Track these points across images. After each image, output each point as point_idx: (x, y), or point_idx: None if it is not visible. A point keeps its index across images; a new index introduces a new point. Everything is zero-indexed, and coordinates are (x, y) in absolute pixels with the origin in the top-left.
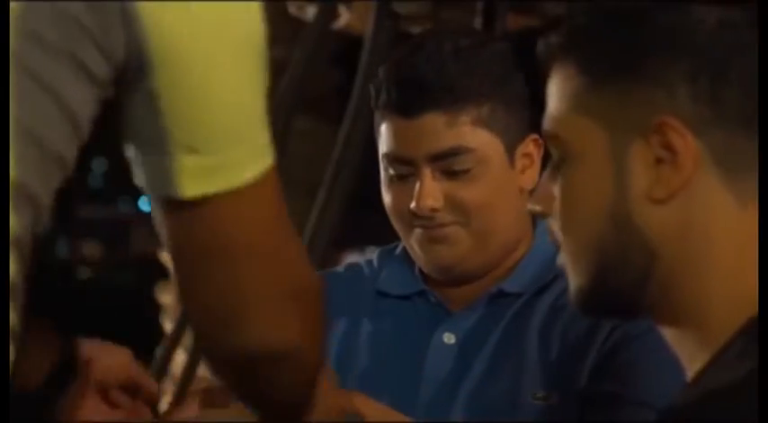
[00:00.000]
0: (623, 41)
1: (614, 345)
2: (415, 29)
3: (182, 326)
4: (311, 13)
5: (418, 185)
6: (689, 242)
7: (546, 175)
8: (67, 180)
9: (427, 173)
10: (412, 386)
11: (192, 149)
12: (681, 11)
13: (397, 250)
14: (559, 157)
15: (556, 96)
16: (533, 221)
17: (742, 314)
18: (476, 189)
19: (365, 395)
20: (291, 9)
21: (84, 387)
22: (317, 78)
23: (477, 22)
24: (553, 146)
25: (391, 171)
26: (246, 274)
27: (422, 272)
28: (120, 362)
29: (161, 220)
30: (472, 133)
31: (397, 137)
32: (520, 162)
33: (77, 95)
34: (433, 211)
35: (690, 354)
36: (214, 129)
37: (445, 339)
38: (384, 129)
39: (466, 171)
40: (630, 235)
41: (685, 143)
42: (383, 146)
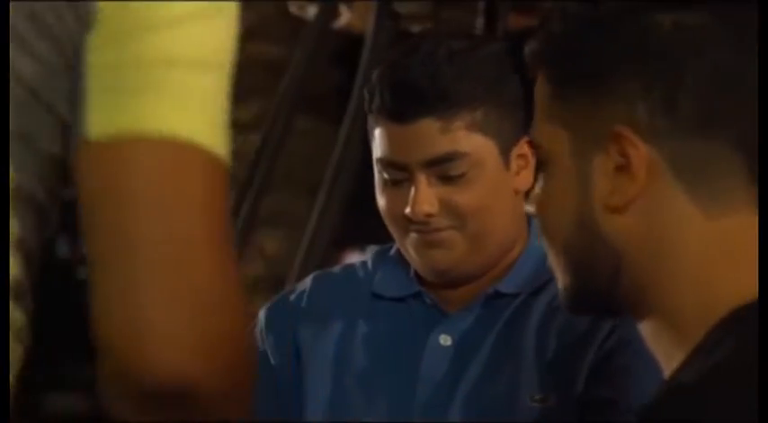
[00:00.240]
0: (586, 51)
1: (610, 349)
2: (416, 28)
3: None
4: (312, 12)
5: (413, 191)
6: (653, 249)
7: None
8: (67, 180)
9: (422, 178)
10: (408, 388)
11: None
12: (635, 18)
13: (392, 251)
14: (538, 161)
15: (536, 102)
16: (529, 221)
17: (714, 315)
18: (471, 193)
19: None
20: (292, 8)
21: None
22: (317, 78)
23: (479, 22)
24: (534, 150)
25: (386, 176)
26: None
27: (417, 273)
28: None
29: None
30: (467, 138)
31: (392, 142)
32: (515, 163)
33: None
34: (429, 216)
35: (666, 353)
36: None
37: (441, 341)
38: (378, 133)
39: (461, 175)
40: (597, 241)
41: (638, 153)
42: (377, 150)
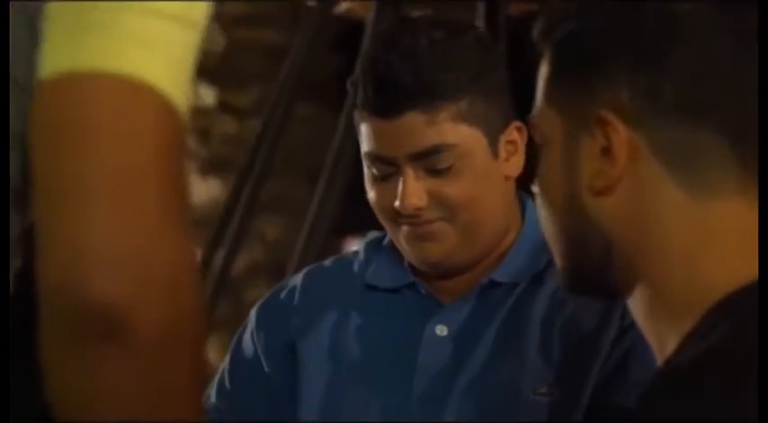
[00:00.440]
0: (582, 34)
1: (624, 353)
2: (417, 13)
3: None
4: None
5: (401, 185)
6: (639, 231)
7: None
8: None
9: (409, 172)
10: (405, 380)
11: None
12: (627, 2)
13: (385, 241)
14: (538, 143)
15: (537, 84)
16: (522, 206)
17: (705, 300)
18: (459, 184)
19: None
20: None
21: None
22: (318, 63)
23: (480, 6)
24: (533, 132)
25: (374, 170)
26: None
27: (411, 263)
28: None
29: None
30: (452, 129)
31: (378, 137)
32: (504, 150)
33: None
34: (418, 209)
35: (659, 338)
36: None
37: (437, 331)
38: (364, 128)
39: (448, 168)
40: (586, 222)
41: (619, 137)
42: (364, 145)
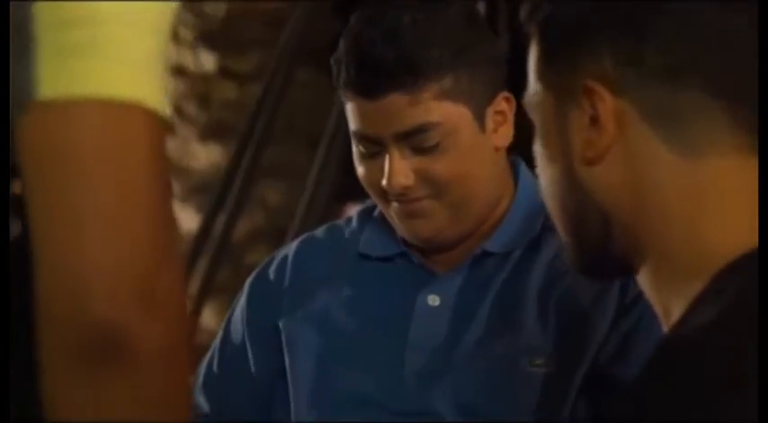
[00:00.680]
0: (563, 12)
1: (629, 329)
2: None
3: None
4: None
5: (387, 164)
6: (635, 197)
7: None
8: None
9: (395, 151)
10: (398, 349)
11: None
12: None
13: (377, 211)
14: (534, 123)
15: (529, 63)
16: (516, 173)
17: (709, 263)
18: (446, 161)
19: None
20: None
21: None
22: (318, 29)
23: None
24: (527, 111)
25: (361, 148)
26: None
27: None
28: None
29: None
30: (437, 107)
31: (363, 117)
32: (492, 121)
33: None
34: (405, 188)
35: (665, 305)
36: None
37: (430, 302)
38: (349, 107)
39: (435, 146)
40: (583, 195)
41: (605, 106)
42: (351, 123)
